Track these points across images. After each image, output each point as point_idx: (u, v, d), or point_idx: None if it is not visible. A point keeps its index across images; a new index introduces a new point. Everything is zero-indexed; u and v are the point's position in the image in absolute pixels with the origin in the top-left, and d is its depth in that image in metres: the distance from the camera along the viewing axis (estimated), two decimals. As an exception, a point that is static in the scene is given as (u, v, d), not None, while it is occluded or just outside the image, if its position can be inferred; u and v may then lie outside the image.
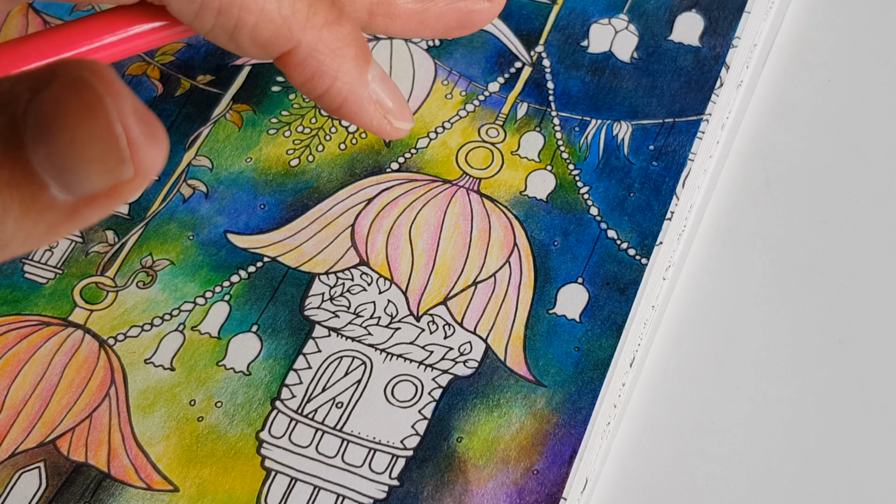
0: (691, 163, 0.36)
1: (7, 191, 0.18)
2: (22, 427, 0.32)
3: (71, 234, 0.20)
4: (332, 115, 0.31)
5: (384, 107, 0.30)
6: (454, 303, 0.34)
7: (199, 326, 0.34)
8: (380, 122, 0.30)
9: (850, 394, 0.33)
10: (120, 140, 0.18)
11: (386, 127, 0.30)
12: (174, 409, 0.33)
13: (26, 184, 0.18)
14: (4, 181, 0.18)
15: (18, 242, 0.19)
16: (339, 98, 0.29)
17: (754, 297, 0.35)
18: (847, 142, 0.38)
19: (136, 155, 0.18)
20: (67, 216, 0.19)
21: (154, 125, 0.18)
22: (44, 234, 0.19)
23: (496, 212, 0.36)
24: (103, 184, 0.18)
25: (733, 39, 0.38)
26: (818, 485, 0.32)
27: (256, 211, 0.36)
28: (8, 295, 0.35)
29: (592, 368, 0.33)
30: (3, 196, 0.18)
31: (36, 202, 0.18)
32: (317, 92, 0.29)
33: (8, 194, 0.18)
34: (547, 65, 0.38)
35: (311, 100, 0.30)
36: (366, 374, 0.33)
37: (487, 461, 0.31)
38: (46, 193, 0.18)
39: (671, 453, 0.33)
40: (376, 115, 0.30)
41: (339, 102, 0.29)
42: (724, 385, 0.34)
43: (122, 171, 0.18)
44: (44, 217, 0.19)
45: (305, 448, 0.32)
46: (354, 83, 0.29)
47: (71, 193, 0.18)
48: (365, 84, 0.29)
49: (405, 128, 0.30)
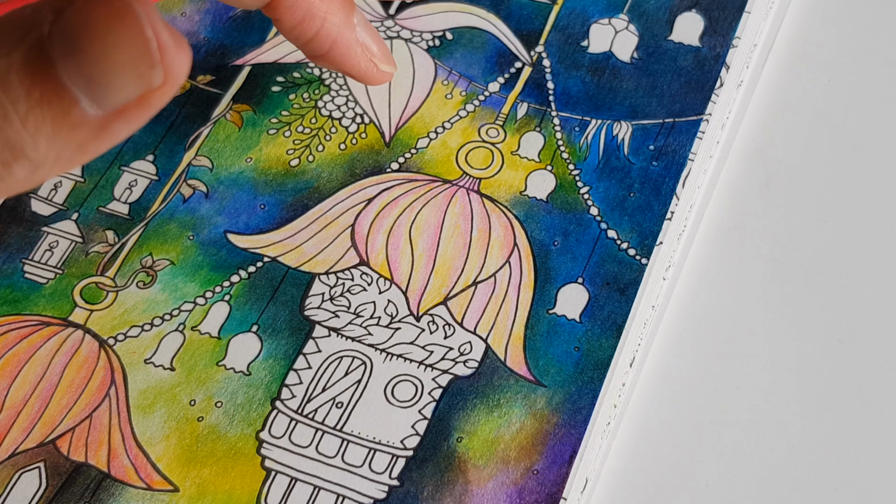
0: (691, 163, 0.36)
1: (39, 109, 0.18)
2: (22, 427, 0.32)
3: (100, 153, 0.20)
4: (320, 62, 0.31)
5: (370, 50, 0.30)
6: (454, 303, 0.34)
7: (200, 326, 0.34)
8: (367, 65, 0.30)
9: (851, 394, 0.33)
10: (151, 43, 0.18)
11: (373, 70, 0.30)
12: (174, 409, 0.33)
13: (57, 100, 0.18)
14: (36, 100, 0.18)
15: (50, 163, 0.19)
16: (328, 41, 0.29)
17: (754, 297, 0.35)
18: (847, 142, 0.38)
19: (166, 59, 0.19)
20: (98, 132, 0.19)
21: (176, 32, 0.19)
22: (74, 152, 0.19)
23: (496, 212, 0.36)
24: (134, 92, 0.19)
25: (733, 39, 0.38)
26: (818, 485, 0.32)
27: (256, 211, 0.36)
28: (8, 295, 0.35)
29: (592, 368, 0.33)
30: (35, 115, 0.18)
31: (67, 118, 0.19)
32: (306, 36, 0.29)
33: (40, 112, 0.18)
34: (547, 65, 0.38)
35: (299, 48, 0.30)
36: (366, 374, 0.33)
37: (487, 461, 0.31)
38: (77, 108, 0.19)
39: (671, 453, 0.33)
40: (363, 58, 0.30)
41: (328, 45, 0.29)
42: (724, 385, 0.34)
43: (153, 76, 0.19)
44: (75, 134, 0.19)
45: (305, 448, 0.32)
46: (342, 25, 0.29)
47: (101, 106, 0.19)
48: (352, 27, 0.29)
49: (390, 71, 0.31)
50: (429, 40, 0.39)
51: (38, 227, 0.36)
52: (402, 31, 0.39)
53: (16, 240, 0.36)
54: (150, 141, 0.38)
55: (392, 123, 0.38)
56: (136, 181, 0.37)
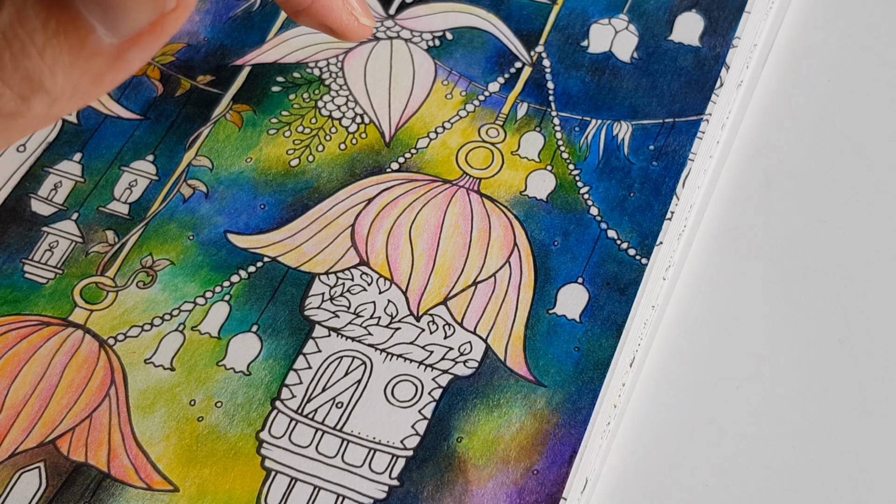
0: (691, 163, 0.36)
1: (55, 40, 0.19)
2: (22, 427, 0.32)
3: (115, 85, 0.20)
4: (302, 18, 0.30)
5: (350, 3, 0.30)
6: (454, 303, 0.34)
7: (199, 326, 0.34)
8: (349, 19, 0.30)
9: (850, 393, 0.33)
10: None
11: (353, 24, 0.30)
12: (174, 409, 0.33)
13: (73, 30, 0.19)
14: (52, 31, 0.19)
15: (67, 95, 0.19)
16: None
17: (754, 297, 0.35)
18: (847, 142, 0.38)
19: None
20: (114, 61, 0.19)
21: None
22: (90, 84, 0.20)
23: (496, 212, 0.36)
24: (148, 17, 0.19)
25: (733, 39, 0.38)
26: (818, 484, 0.32)
27: (256, 211, 0.36)
28: (8, 295, 0.35)
29: (592, 368, 0.33)
30: (52, 46, 0.19)
31: (83, 48, 0.19)
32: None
33: (56, 43, 0.19)
34: (547, 65, 0.38)
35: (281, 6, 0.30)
36: (366, 374, 0.33)
37: (487, 461, 0.31)
38: (93, 37, 0.19)
39: (671, 453, 0.33)
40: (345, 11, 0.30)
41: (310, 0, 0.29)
42: (724, 385, 0.34)
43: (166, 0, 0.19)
44: (91, 64, 0.19)
45: (305, 448, 0.32)
46: None
47: (117, 34, 0.19)
48: None
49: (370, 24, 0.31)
50: (429, 40, 0.39)
51: (38, 227, 0.36)
52: (402, 31, 0.39)
53: (16, 240, 0.36)
54: (150, 141, 0.38)
55: (392, 123, 0.38)
56: (136, 181, 0.37)
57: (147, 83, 0.39)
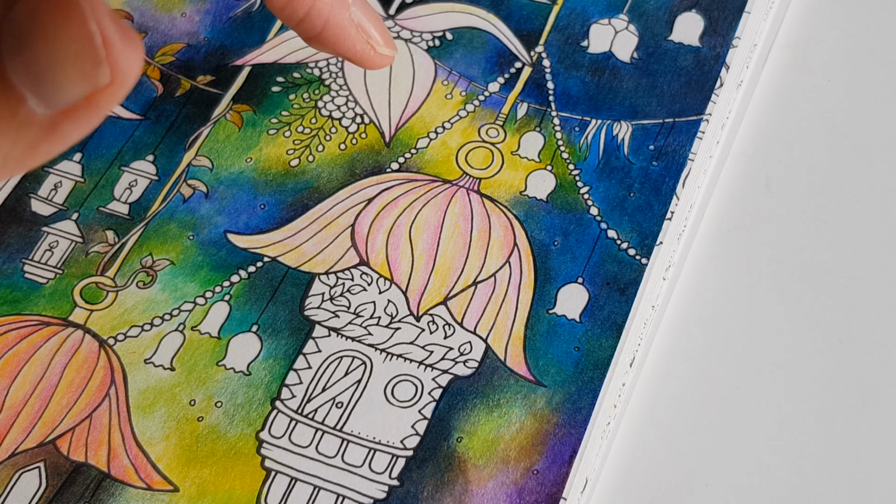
0: (691, 163, 0.36)
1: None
2: (22, 427, 0.32)
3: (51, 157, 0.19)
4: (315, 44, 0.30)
5: (367, 32, 0.29)
6: (454, 303, 0.34)
7: (199, 326, 0.34)
8: (363, 48, 0.29)
9: (850, 393, 0.33)
10: (95, 38, 0.17)
11: (370, 53, 0.29)
12: (174, 409, 0.33)
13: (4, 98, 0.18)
14: None
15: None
16: (321, 21, 0.28)
17: (754, 298, 0.35)
18: (847, 142, 0.38)
19: (112, 56, 0.18)
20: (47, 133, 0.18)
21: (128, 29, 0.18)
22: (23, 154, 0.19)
23: (496, 212, 0.36)
24: (81, 91, 0.18)
25: (733, 39, 0.38)
26: (818, 485, 0.32)
27: (256, 211, 0.36)
28: (8, 295, 0.35)
29: (592, 368, 0.33)
30: None
31: (14, 117, 0.18)
32: (297, 15, 0.28)
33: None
34: (547, 65, 0.38)
35: (293, 29, 0.29)
36: (366, 374, 0.33)
37: (487, 461, 0.31)
38: (24, 107, 0.18)
39: (671, 453, 0.33)
40: (359, 40, 0.29)
41: (321, 26, 0.28)
42: (724, 385, 0.34)
43: (99, 74, 0.18)
44: (23, 134, 0.18)
45: (305, 448, 0.32)
46: (335, 4, 0.28)
47: (49, 106, 0.18)
48: (346, 6, 0.28)
49: (390, 54, 0.29)
50: (429, 40, 0.39)
51: (38, 227, 0.36)
52: (402, 32, 0.39)
53: (16, 240, 0.36)
54: (150, 141, 0.38)
55: (392, 123, 0.38)
56: (136, 181, 0.37)
57: (147, 83, 0.39)
